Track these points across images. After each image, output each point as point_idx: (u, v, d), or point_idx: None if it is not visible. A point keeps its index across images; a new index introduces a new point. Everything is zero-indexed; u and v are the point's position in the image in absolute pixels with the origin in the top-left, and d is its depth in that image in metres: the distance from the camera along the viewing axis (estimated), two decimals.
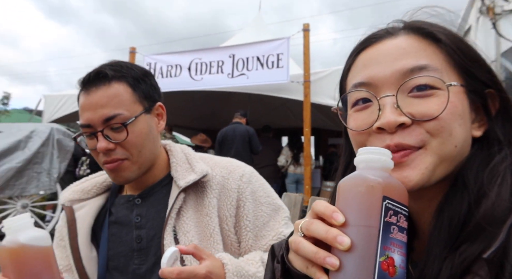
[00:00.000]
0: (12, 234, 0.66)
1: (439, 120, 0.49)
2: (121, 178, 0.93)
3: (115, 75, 0.92)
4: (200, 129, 8.74)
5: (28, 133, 5.17)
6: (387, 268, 0.39)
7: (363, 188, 0.42)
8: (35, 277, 0.66)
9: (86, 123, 0.90)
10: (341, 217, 0.42)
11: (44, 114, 6.38)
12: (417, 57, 0.52)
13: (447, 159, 0.51)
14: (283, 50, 4.54)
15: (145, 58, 5.27)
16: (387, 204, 0.41)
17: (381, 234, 0.40)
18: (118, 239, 0.98)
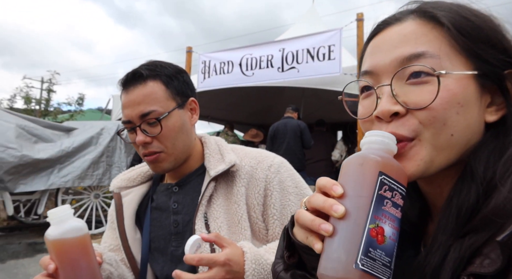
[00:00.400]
0: (55, 225, 0.75)
1: (430, 110, 0.48)
2: (159, 168, 1.02)
3: (149, 74, 1.00)
4: (255, 125, 8.88)
5: (99, 130, 5.73)
6: (375, 235, 0.42)
7: (361, 164, 0.45)
8: (73, 263, 0.74)
9: (126, 120, 1.01)
10: (340, 189, 0.45)
11: (112, 113, 6.96)
12: (416, 44, 0.50)
13: (445, 149, 0.49)
14: (335, 41, 4.41)
15: (200, 57, 5.47)
16: (382, 179, 0.44)
17: (373, 204, 0.42)
18: (158, 223, 1.06)
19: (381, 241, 0.42)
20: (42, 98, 13.88)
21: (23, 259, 4.45)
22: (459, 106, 0.48)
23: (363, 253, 0.41)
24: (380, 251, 0.42)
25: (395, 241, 0.43)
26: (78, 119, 10.28)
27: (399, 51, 0.51)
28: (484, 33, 0.50)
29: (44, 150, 5.00)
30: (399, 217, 0.44)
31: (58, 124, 5.93)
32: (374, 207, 0.42)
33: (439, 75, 0.48)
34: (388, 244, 0.42)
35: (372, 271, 0.41)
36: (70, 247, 0.74)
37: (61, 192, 5.44)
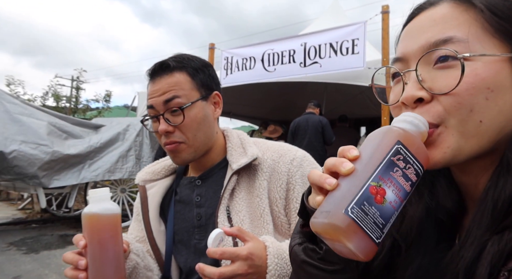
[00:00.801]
0: (92, 203, 0.79)
1: (454, 95, 0.46)
2: (178, 159, 1.03)
3: (176, 65, 1.02)
4: (277, 121, 8.86)
5: (125, 126, 5.92)
6: (375, 193, 0.41)
7: (384, 133, 0.46)
8: (102, 241, 0.77)
9: (150, 104, 1.03)
10: (355, 152, 0.45)
11: (138, 109, 7.13)
12: (444, 28, 0.49)
13: (474, 136, 0.47)
14: (359, 35, 4.31)
15: (223, 53, 5.50)
16: (398, 148, 0.43)
17: (382, 166, 0.42)
18: (182, 216, 1.08)
19: (379, 201, 0.41)
20: (72, 96, 14.39)
21: (55, 250, 4.66)
22: (489, 91, 0.46)
23: (356, 203, 0.40)
24: (375, 209, 0.40)
25: (395, 208, 0.42)
26: (106, 116, 10.60)
27: (427, 36, 0.50)
28: None
29: (74, 146, 5.22)
30: (408, 190, 0.43)
31: (87, 122, 6.16)
32: (381, 169, 0.42)
33: (463, 58, 0.46)
34: (387, 208, 0.41)
35: (360, 222, 0.40)
36: (101, 225, 0.78)
37: (89, 186, 5.65)
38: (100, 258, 0.77)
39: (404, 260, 0.56)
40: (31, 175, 4.69)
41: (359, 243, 0.40)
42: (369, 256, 0.42)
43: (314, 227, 0.44)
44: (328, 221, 0.41)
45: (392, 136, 0.44)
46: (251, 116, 9.65)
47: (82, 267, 0.76)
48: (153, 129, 1.06)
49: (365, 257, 0.42)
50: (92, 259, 0.77)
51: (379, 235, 0.41)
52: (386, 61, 4.22)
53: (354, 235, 0.40)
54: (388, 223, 0.42)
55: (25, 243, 4.89)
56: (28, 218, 6.41)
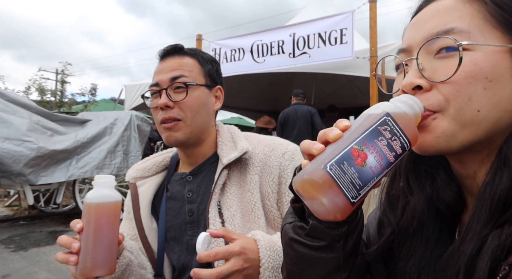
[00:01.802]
0: (96, 188, 0.80)
1: (453, 84, 0.47)
2: (173, 138, 1.02)
3: (188, 51, 1.08)
4: (267, 112, 8.85)
5: (112, 120, 5.81)
6: (356, 155, 0.42)
7: (376, 106, 0.47)
8: (98, 226, 0.78)
9: (155, 82, 1.04)
10: (347, 122, 0.47)
11: (125, 102, 7.02)
12: (447, 20, 0.49)
13: (470, 125, 0.47)
14: (347, 24, 4.30)
15: (211, 44, 5.43)
16: (386, 119, 0.44)
17: (367, 132, 0.44)
18: (174, 212, 1.07)
19: (359, 163, 0.42)
20: (57, 90, 14.08)
21: (44, 247, 4.60)
22: (487, 81, 0.46)
23: (336, 161, 0.42)
24: (354, 170, 0.42)
25: (375, 174, 0.43)
26: (92, 109, 10.41)
27: (429, 27, 0.51)
28: None
29: (60, 142, 5.11)
30: (391, 160, 0.44)
31: (72, 117, 6.02)
32: (366, 135, 0.43)
33: (461, 47, 0.46)
34: (366, 171, 0.42)
35: (337, 179, 0.41)
36: (101, 210, 0.78)
37: (78, 181, 5.57)
38: (94, 242, 0.76)
39: (406, 252, 0.57)
40: (16, 172, 4.58)
41: (334, 199, 0.42)
42: (344, 214, 0.43)
43: (295, 185, 0.46)
44: (307, 177, 0.43)
45: (381, 110, 0.46)
46: (241, 108, 9.61)
47: (75, 250, 0.76)
48: (151, 105, 1.06)
49: (340, 215, 0.43)
50: (85, 243, 0.77)
51: (355, 195, 0.42)
52: (374, 50, 4.23)
53: (329, 190, 0.41)
54: (366, 186, 0.42)
55: (13, 240, 4.82)
56: (15, 215, 6.30)
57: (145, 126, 6.14)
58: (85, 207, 0.79)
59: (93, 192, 0.79)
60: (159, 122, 1.03)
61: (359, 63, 4.33)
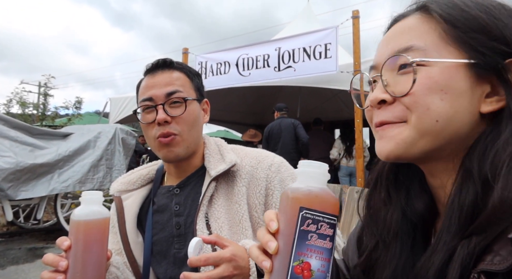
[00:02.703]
0: (83, 205, 0.78)
1: (412, 95, 0.51)
2: (172, 153, 1.02)
3: (177, 66, 1.08)
4: (253, 125, 8.88)
5: (96, 134, 5.72)
6: (300, 271, 0.44)
7: (287, 199, 0.48)
8: (87, 244, 0.75)
9: (148, 97, 1.03)
10: (274, 225, 0.49)
11: (110, 116, 6.94)
12: (407, 38, 0.53)
13: (429, 134, 0.50)
14: (331, 39, 4.41)
15: (197, 58, 5.47)
16: (304, 214, 0.45)
17: (296, 241, 0.45)
18: (160, 226, 1.06)
19: (308, 276, 0.44)
20: (40, 103, 13.83)
21: (23, 264, 4.42)
22: (443, 93, 0.50)
23: None
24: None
25: (325, 272, 0.45)
26: (76, 123, 10.24)
27: (393, 45, 0.55)
28: (481, 23, 0.50)
29: (41, 156, 4.98)
30: (329, 247, 0.46)
31: (54, 131, 5.89)
32: (297, 244, 0.44)
33: (415, 63, 0.51)
34: (316, 276, 0.44)
35: None
36: (89, 228, 0.76)
37: (60, 196, 5.42)
38: (83, 261, 0.74)
39: (382, 263, 0.59)
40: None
41: None
42: None
43: None
44: None
45: (294, 205, 0.46)
46: (227, 121, 9.62)
47: (63, 269, 0.73)
48: (145, 120, 1.04)
49: None
50: (74, 262, 0.74)
51: None
52: (358, 64, 4.34)
53: None
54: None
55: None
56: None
57: (130, 139, 6.07)
58: (73, 224, 0.76)
59: (81, 208, 0.77)
60: (155, 137, 1.01)
61: (344, 77, 4.42)
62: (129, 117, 6.70)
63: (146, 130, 1.05)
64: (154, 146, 1.04)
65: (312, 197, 0.46)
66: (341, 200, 1.53)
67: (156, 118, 0.99)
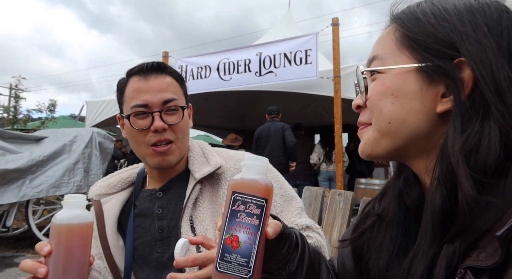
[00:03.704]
0: (65, 209, 0.74)
1: (369, 100, 0.57)
2: (166, 162, 1.00)
3: (169, 71, 1.06)
4: (233, 129, 8.86)
5: (72, 138, 5.55)
6: (230, 243, 0.52)
7: (228, 187, 0.56)
8: (69, 249, 0.72)
9: (143, 103, 0.99)
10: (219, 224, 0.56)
11: (86, 119, 6.76)
12: (375, 48, 0.59)
13: (387, 134, 0.55)
14: (312, 46, 4.48)
15: (177, 61, 5.42)
16: (235, 197, 0.54)
17: (228, 218, 0.53)
18: (143, 230, 1.03)
19: (236, 246, 0.52)
20: (10, 106, 13.30)
21: None
22: (393, 96, 0.54)
23: (220, 258, 0.52)
24: (235, 255, 0.52)
25: (251, 244, 0.52)
26: (50, 126, 9.90)
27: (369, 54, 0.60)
28: (429, 29, 0.52)
29: (13, 161, 4.78)
30: (256, 223, 0.53)
31: (26, 134, 5.67)
32: (228, 221, 0.53)
33: (364, 74, 0.58)
34: (244, 248, 0.52)
35: (228, 271, 0.52)
36: (71, 232, 0.73)
37: (31, 202, 5.20)
38: (64, 267, 0.71)
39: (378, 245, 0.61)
40: None
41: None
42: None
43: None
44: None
45: (229, 190, 0.55)
46: (208, 125, 9.56)
47: (42, 275, 0.69)
48: (137, 126, 1.00)
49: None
50: (54, 268, 0.71)
51: (247, 271, 0.52)
52: (338, 70, 4.42)
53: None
54: (251, 258, 0.52)
55: None
56: None
57: (108, 143, 5.91)
58: (54, 228, 0.73)
59: (63, 212, 0.74)
60: (148, 144, 0.99)
61: (324, 83, 4.50)
62: (106, 120, 6.55)
63: (137, 136, 1.01)
64: (145, 153, 1.01)
65: (243, 183, 0.55)
66: (322, 203, 1.54)
67: (154, 125, 0.97)
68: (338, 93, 4.39)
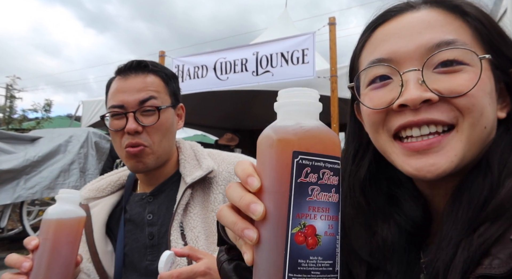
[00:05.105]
0: (58, 203, 0.74)
1: (469, 97, 0.45)
2: (141, 164, 0.96)
3: (153, 68, 1.01)
4: (230, 129, 8.82)
5: (67, 138, 5.51)
6: (303, 240, 0.33)
7: (271, 144, 0.35)
8: (56, 244, 0.71)
9: (119, 104, 0.96)
10: (256, 182, 0.36)
11: (82, 119, 6.70)
12: (444, 31, 0.48)
13: (476, 143, 0.47)
14: (309, 45, 4.45)
15: (173, 61, 5.37)
16: (300, 161, 0.34)
17: (293, 200, 0.33)
18: (133, 236, 1.00)
19: (313, 243, 0.33)
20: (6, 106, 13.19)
21: None
22: (490, 97, 0.47)
23: (291, 270, 0.32)
24: (314, 257, 0.33)
25: (334, 234, 0.35)
26: (46, 126, 9.83)
27: (426, 37, 0.48)
28: (500, 27, 0.49)
29: (7, 161, 4.73)
30: (336, 200, 0.35)
31: (21, 135, 5.62)
32: (294, 203, 0.33)
33: (482, 59, 0.45)
34: (325, 244, 0.34)
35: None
36: (60, 227, 0.71)
37: (26, 203, 5.15)
38: (48, 262, 0.69)
39: None
40: None
41: None
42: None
43: None
44: None
45: (285, 150, 0.34)
46: (204, 125, 9.52)
47: (26, 270, 0.68)
48: (113, 127, 0.98)
49: None
50: (38, 263, 0.69)
51: (335, 276, 0.35)
52: (334, 70, 4.39)
53: None
54: (335, 257, 0.35)
55: None
56: None
57: (104, 143, 5.87)
58: (43, 223, 0.72)
59: (54, 207, 0.73)
60: (123, 146, 0.96)
61: (321, 83, 4.47)
62: (102, 120, 6.49)
63: (114, 137, 0.99)
64: (121, 155, 0.98)
65: (308, 136, 0.35)
66: None
67: (126, 127, 0.93)
68: (335, 93, 4.37)
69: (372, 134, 0.54)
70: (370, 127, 0.54)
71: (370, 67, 0.52)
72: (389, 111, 0.49)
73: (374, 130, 0.53)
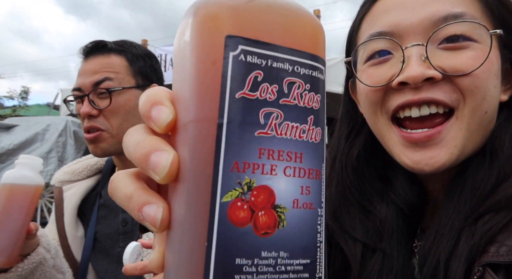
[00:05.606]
0: (17, 168, 0.72)
1: (473, 77, 0.41)
2: (99, 149, 0.93)
3: (115, 48, 0.96)
4: None
5: (44, 126, 5.36)
6: (247, 216, 0.18)
7: (189, 28, 0.19)
8: (7, 208, 0.69)
9: (77, 87, 0.93)
10: (165, 114, 0.21)
11: (61, 108, 6.53)
12: (451, 3, 0.43)
13: (476, 130, 0.43)
14: None
15: (156, 50, 5.29)
16: (241, 56, 0.18)
17: (226, 135, 0.18)
18: (107, 221, 0.99)
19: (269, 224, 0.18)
20: None
21: None
22: (496, 78, 0.43)
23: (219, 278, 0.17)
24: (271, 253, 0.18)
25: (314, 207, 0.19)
26: (23, 114, 9.53)
27: (432, 9, 0.43)
28: (509, 1, 0.45)
29: None
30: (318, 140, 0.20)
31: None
32: (229, 143, 0.18)
33: (493, 36, 0.42)
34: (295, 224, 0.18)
35: None
36: (15, 192, 0.70)
37: None
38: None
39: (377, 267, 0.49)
40: None
41: None
42: None
43: None
44: None
45: (211, 35, 0.18)
46: None
47: None
48: (76, 110, 0.96)
49: None
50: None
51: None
52: None
53: None
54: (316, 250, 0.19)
55: None
56: None
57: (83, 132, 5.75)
58: (1, 187, 0.71)
59: (11, 171, 0.71)
60: (84, 130, 0.94)
61: None
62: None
63: (81, 121, 0.97)
64: (85, 139, 0.96)
65: (258, 9, 0.19)
66: None
67: (81, 110, 0.91)
68: None
69: (369, 116, 0.50)
70: (368, 107, 0.49)
71: (370, 41, 0.47)
72: (388, 89, 0.46)
73: (372, 111, 0.49)
